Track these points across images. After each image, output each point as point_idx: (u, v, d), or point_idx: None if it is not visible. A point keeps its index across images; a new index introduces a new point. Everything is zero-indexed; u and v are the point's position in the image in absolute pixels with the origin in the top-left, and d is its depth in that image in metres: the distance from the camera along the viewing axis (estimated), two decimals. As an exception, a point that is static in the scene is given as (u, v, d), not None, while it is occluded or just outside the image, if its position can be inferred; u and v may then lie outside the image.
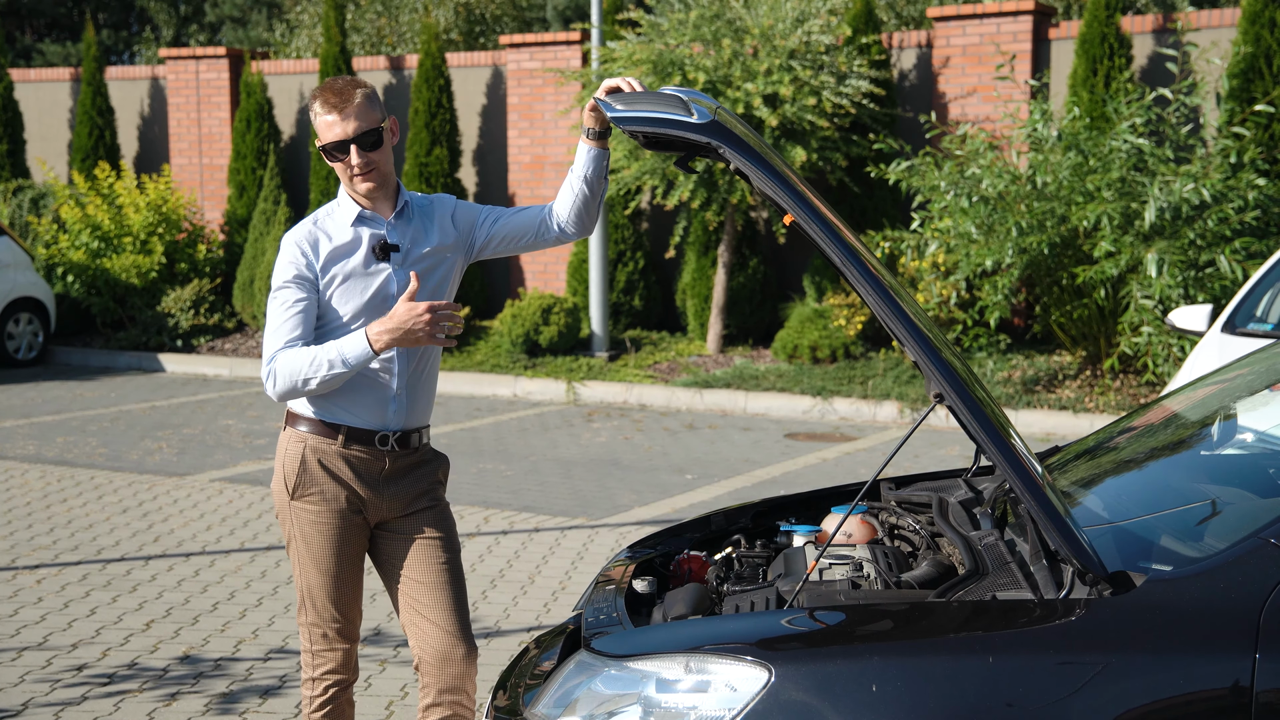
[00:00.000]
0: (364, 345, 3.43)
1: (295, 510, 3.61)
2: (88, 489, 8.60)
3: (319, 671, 3.68)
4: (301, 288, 3.52)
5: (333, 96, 3.51)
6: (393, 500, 3.65)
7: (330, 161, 3.57)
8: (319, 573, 3.62)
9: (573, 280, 14.18)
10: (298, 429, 3.61)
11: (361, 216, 3.60)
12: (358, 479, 3.60)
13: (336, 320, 3.56)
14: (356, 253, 3.57)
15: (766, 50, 11.79)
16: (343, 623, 3.67)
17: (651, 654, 2.87)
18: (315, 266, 3.54)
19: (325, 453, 3.58)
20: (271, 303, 3.55)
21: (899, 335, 3.00)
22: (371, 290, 3.57)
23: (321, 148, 3.54)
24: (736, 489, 8.65)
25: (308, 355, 3.45)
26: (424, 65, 14.64)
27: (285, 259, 3.55)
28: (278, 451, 3.66)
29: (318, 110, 3.53)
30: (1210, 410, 3.92)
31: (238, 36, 30.77)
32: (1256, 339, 6.75)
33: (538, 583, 6.55)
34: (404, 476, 3.66)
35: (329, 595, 3.63)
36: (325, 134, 3.52)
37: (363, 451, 3.59)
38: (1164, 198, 9.94)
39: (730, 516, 3.92)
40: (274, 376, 3.48)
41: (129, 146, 17.34)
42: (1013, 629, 2.80)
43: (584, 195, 3.69)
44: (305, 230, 3.58)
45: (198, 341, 14.71)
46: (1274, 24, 11.22)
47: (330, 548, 3.61)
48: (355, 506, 3.61)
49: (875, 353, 12.43)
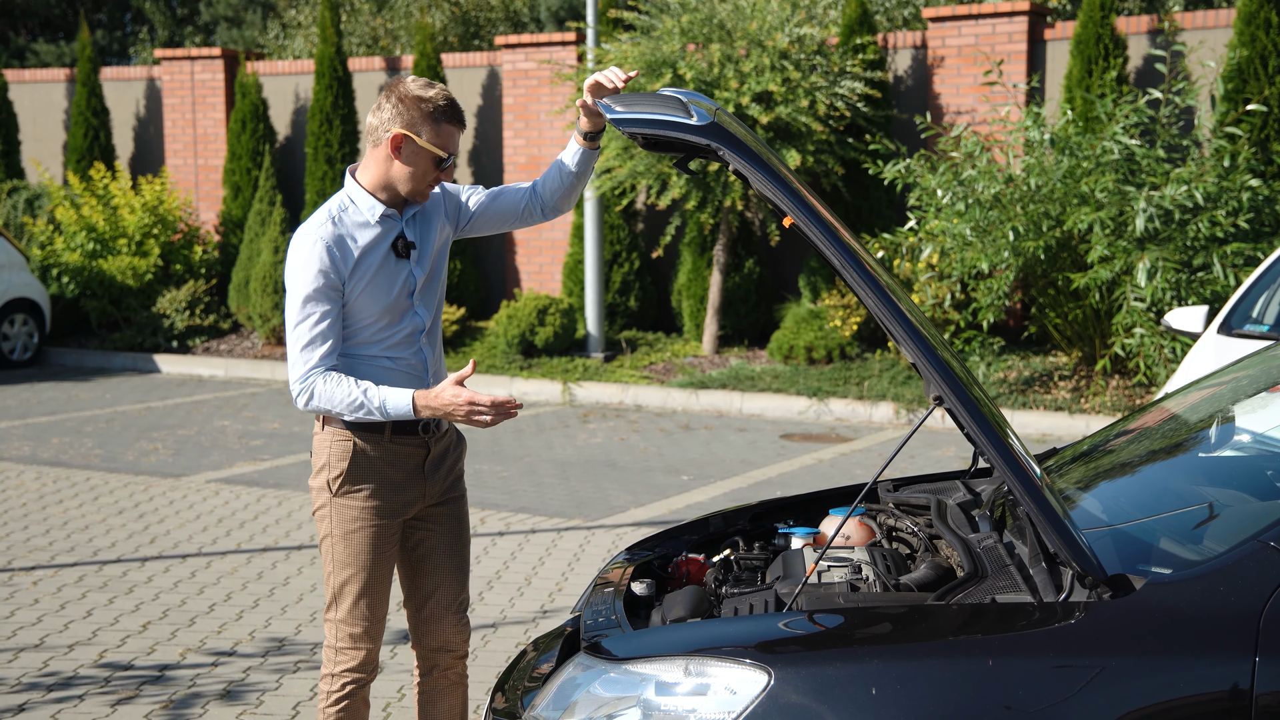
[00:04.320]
0: (407, 408, 3.46)
1: (336, 506, 3.62)
2: (83, 490, 8.59)
3: (339, 669, 3.70)
4: (328, 297, 3.50)
5: (460, 112, 3.56)
6: (433, 487, 3.72)
7: (430, 166, 3.55)
8: (354, 569, 3.63)
9: (568, 281, 14.18)
10: (339, 427, 3.61)
11: (385, 214, 3.60)
12: (405, 471, 3.64)
13: (361, 320, 3.57)
14: (381, 252, 3.58)
15: (757, 52, 11.80)
16: (369, 623, 3.68)
17: (650, 656, 2.87)
18: (343, 270, 3.51)
19: (373, 448, 3.59)
20: (297, 309, 3.51)
21: (897, 337, 2.99)
22: (395, 288, 3.59)
23: (447, 155, 3.54)
24: (732, 490, 8.65)
25: (348, 393, 3.47)
26: (420, 66, 14.64)
27: (311, 264, 3.49)
28: (316, 449, 3.65)
29: (446, 115, 3.53)
30: (1208, 412, 3.92)
31: (232, 37, 30.74)
32: (1253, 340, 6.75)
33: (534, 584, 6.55)
34: (442, 462, 3.73)
35: (360, 593, 3.65)
36: (448, 142, 3.54)
37: (407, 443, 3.63)
38: (1151, 207, 9.94)
39: (728, 518, 3.91)
40: (310, 396, 3.50)
41: (124, 147, 17.31)
42: (1012, 632, 2.79)
43: (571, 183, 3.81)
44: (329, 230, 3.53)
45: (193, 342, 14.70)
46: (1269, 24, 11.23)
47: (368, 544, 3.63)
48: (399, 503, 3.66)
49: (871, 353, 12.43)
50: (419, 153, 3.52)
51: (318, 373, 3.50)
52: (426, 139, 3.51)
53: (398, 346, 3.62)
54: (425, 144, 3.51)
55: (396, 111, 3.51)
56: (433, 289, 3.70)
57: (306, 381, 3.50)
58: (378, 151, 3.57)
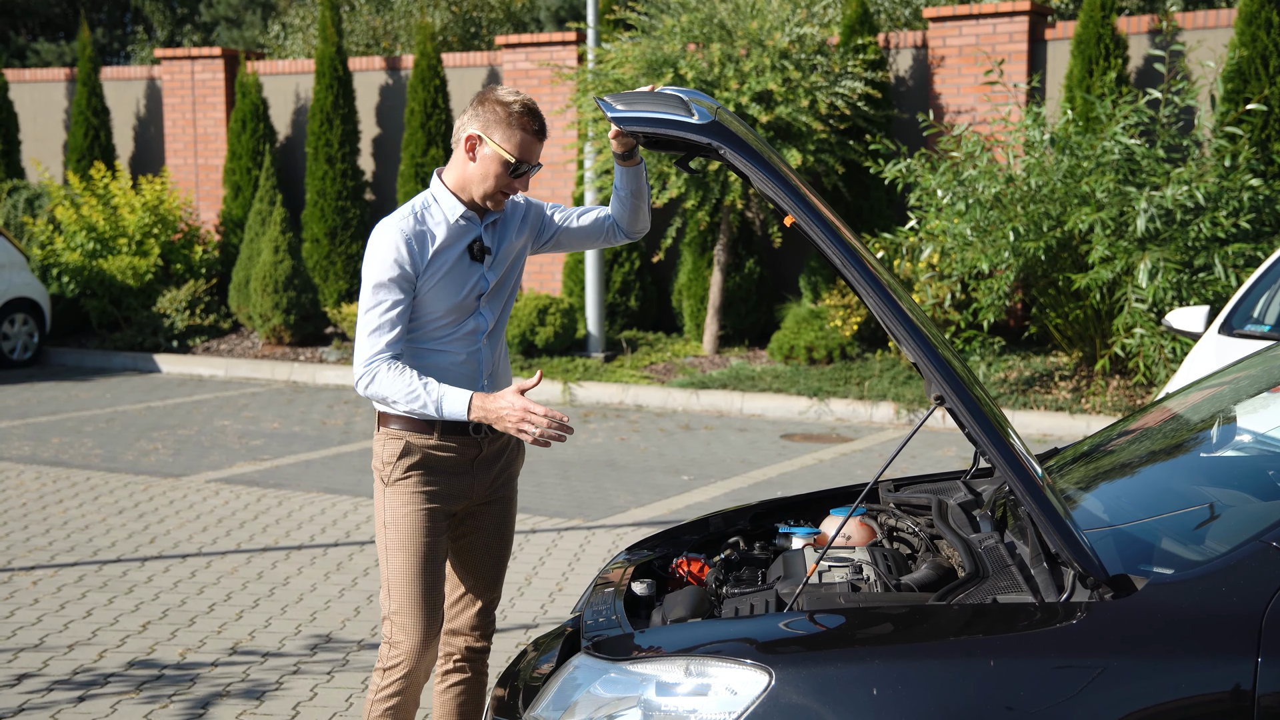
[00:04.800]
0: (462, 410, 3.51)
1: (389, 496, 3.70)
2: (83, 490, 8.59)
3: (389, 663, 3.73)
4: (401, 287, 3.58)
5: (538, 122, 3.59)
6: (482, 485, 3.78)
7: (500, 169, 3.58)
8: (403, 556, 3.68)
9: (568, 281, 14.17)
10: (392, 428, 3.69)
11: (465, 216, 3.66)
12: (453, 469, 3.71)
13: (429, 315, 3.64)
14: (456, 252, 3.65)
15: (757, 52, 11.80)
16: (420, 616, 3.70)
17: (651, 657, 2.86)
18: (419, 264, 3.59)
19: (422, 446, 3.66)
20: (370, 295, 3.59)
21: (898, 336, 2.99)
22: (465, 289, 3.66)
23: (516, 161, 3.57)
24: (733, 490, 8.64)
25: (407, 387, 3.53)
26: (420, 66, 14.64)
27: (387, 253, 3.57)
28: (374, 450, 3.74)
29: (524, 124, 3.56)
30: (1210, 412, 3.91)
31: (232, 37, 30.75)
32: (1254, 340, 6.74)
33: (534, 584, 6.55)
34: (494, 463, 3.79)
35: (410, 583, 3.68)
36: (525, 151, 3.58)
37: (457, 442, 3.68)
38: (1152, 207, 9.94)
39: (729, 518, 3.91)
40: (372, 379, 3.56)
41: (124, 147, 17.31)
42: (1013, 632, 2.79)
43: (632, 204, 3.86)
44: (410, 225, 3.61)
45: (193, 342, 14.69)
46: (1270, 24, 11.23)
47: (417, 532, 3.68)
48: (447, 495, 3.71)
49: (871, 353, 12.42)
50: (490, 155, 3.58)
51: (383, 359, 3.57)
52: (498, 141, 3.56)
53: (456, 342, 3.69)
54: (496, 147, 3.56)
55: (475, 113, 3.60)
56: (501, 294, 3.77)
57: (371, 365, 3.57)
58: (457, 152, 3.66)
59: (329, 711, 4.99)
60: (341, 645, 5.69)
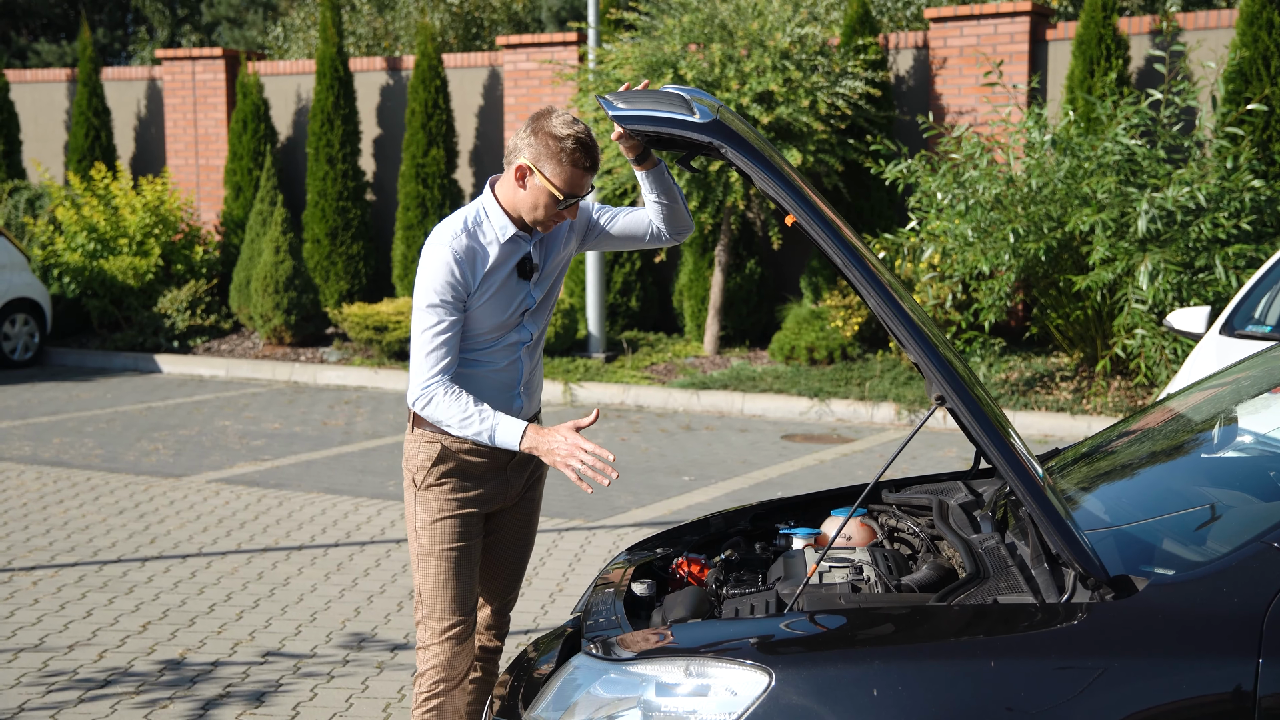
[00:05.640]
0: (515, 442, 3.53)
1: (420, 500, 3.71)
2: (84, 490, 8.58)
3: (425, 668, 3.74)
4: (454, 309, 3.58)
5: (591, 158, 3.55)
6: (516, 488, 3.81)
7: (549, 201, 3.55)
8: (435, 561, 3.68)
9: (569, 281, 14.16)
10: (426, 429, 3.69)
11: (515, 235, 3.65)
12: (487, 474, 3.72)
13: (474, 330, 3.65)
14: (506, 270, 3.65)
15: (758, 52, 11.80)
16: (454, 619, 3.70)
17: (651, 657, 2.86)
18: (471, 284, 3.60)
19: (457, 451, 3.67)
20: (423, 316, 3.59)
21: (900, 337, 2.98)
22: (512, 307, 3.67)
23: (565, 195, 3.54)
24: (734, 490, 8.64)
25: (463, 412, 3.54)
26: (420, 66, 14.63)
27: (440, 274, 3.57)
28: (406, 451, 3.75)
29: (574, 157, 3.51)
30: (1211, 413, 3.91)
31: (233, 37, 30.75)
32: (1255, 341, 6.73)
33: (535, 584, 6.54)
34: (528, 464, 3.83)
35: (442, 586, 3.69)
36: (574, 184, 3.55)
37: (490, 447, 3.66)
38: (1153, 208, 9.93)
39: (729, 519, 3.90)
40: (428, 403, 3.58)
41: (125, 147, 17.31)
42: (1014, 633, 2.79)
43: (665, 207, 3.79)
44: (462, 243, 3.59)
45: (194, 342, 14.69)
46: (1271, 25, 11.22)
47: (449, 535, 3.69)
48: (480, 497, 3.72)
49: (872, 354, 12.42)
50: (539, 188, 3.56)
51: (440, 381, 3.58)
52: (549, 175, 3.54)
53: (497, 353, 3.70)
54: (546, 181, 3.54)
55: (528, 142, 3.56)
56: (545, 309, 3.78)
57: (428, 388, 3.58)
58: (507, 175, 3.63)
59: (329, 712, 4.98)
60: (342, 646, 5.69)
